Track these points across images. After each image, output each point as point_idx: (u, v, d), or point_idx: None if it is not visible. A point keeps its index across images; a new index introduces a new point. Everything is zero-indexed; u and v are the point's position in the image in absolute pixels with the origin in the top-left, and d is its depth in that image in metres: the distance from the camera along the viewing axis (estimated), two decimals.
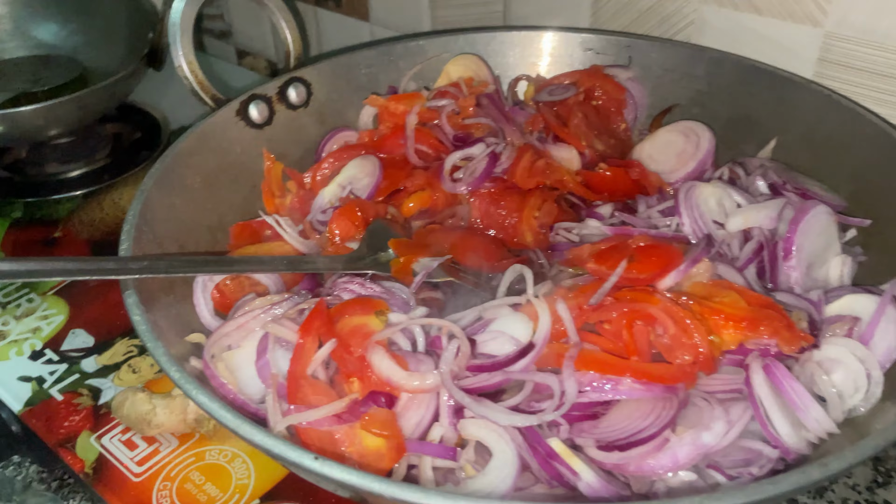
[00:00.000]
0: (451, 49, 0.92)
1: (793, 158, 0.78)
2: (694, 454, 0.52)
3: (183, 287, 0.68)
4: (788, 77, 0.78)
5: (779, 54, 0.80)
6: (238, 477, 0.68)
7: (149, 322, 0.56)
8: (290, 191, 0.85)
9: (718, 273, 0.63)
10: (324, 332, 0.58)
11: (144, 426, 0.71)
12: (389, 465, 0.54)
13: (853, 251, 0.70)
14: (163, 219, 0.70)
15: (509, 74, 0.95)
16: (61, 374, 0.80)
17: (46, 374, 0.80)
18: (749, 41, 0.82)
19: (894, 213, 0.68)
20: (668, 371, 0.56)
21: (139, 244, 0.65)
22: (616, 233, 0.70)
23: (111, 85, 1.02)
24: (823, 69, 0.78)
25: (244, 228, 0.79)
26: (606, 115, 0.89)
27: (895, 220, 0.68)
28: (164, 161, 0.73)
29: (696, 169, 0.80)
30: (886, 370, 0.57)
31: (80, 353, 0.83)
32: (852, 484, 0.66)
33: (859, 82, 0.76)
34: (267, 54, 1.36)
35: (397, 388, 0.56)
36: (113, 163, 1.13)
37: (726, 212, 0.71)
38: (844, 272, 0.67)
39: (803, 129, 0.77)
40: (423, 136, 0.84)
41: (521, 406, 0.56)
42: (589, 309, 0.59)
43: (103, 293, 0.90)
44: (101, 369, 0.81)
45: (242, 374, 0.60)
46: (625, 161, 0.83)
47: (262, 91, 0.84)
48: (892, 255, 0.67)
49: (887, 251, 0.67)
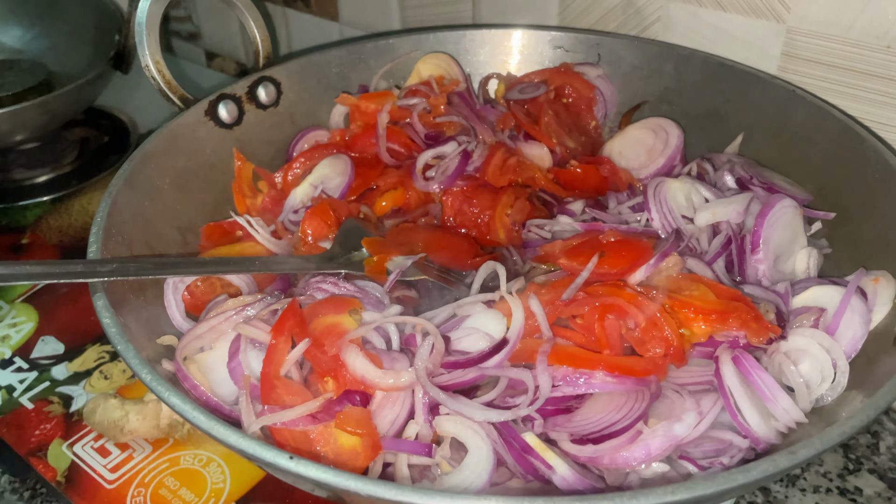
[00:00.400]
0: (421, 47, 0.93)
1: (759, 153, 0.80)
2: (666, 445, 0.53)
3: (153, 289, 0.67)
4: (753, 73, 0.79)
5: (744, 50, 0.81)
6: (213, 481, 0.68)
7: (119, 325, 0.56)
8: (262, 191, 0.84)
9: (688, 267, 0.64)
10: (297, 332, 0.58)
11: (117, 432, 0.71)
12: (365, 464, 0.54)
13: (819, 244, 0.71)
14: (132, 221, 0.70)
15: (480, 73, 0.96)
16: (31, 381, 0.79)
17: (16, 383, 0.79)
18: (714, 37, 0.83)
19: (858, 206, 0.69)
20: (639, 364, 0.56)
21: (108, 247, 0.64)
22: (587, 229, 0.71)
23: (77, 89, 1.01)
24: (788, 64, 0.79)
25: (215, 229, 0.78)
26: (577, 112, 0.90)
27: (859, 212, 0.69)
28: (132, 162, 0.72)
29: (665, 165, 0.81)
30: (852, 359, 0.58)
31: (50, 361, 0.82)
32: (824, 471, 0.67)
33: (823, 76, 0.77)
34: (236, 56, 1.35)
35: (372, 386, 0.56)
36: (80, 167, 1.11)
37: (695, 207, 0.72)
38: (810, 264, 0.68)
39: (769, 125, 0.78)
40: (395, 135, 0.84)
41: (496, 402, 0.56)
42: (561, 304, 0.60)
43: (73, 299, 0.89)
44: (72, 376, 0.80)
45: (215, 375, 0.60)
46: (595, 158, 0.84)
47: (232, 91, 0.84)
48: (856, 247, 0.68)
49: (851, 243, 0.69)
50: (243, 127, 0.85)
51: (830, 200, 0.72)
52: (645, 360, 0.57)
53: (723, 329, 0.58)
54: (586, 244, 0.65)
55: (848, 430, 0.46)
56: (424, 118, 0.85)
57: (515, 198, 0.76)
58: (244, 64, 1.35)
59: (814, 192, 0.74)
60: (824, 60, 0.76)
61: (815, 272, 0.68)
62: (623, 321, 0.58)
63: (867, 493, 0.65)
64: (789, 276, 0.68)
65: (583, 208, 0.77)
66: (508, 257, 0.73)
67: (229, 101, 0.83)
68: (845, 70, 0.76)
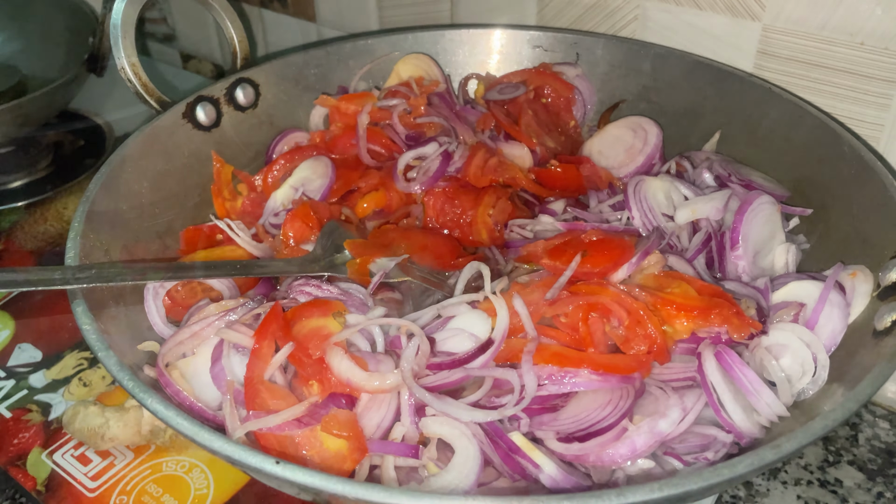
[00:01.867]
0: (400, 48, 0.93)
1: (737, 151, 0.81)
2: (651, 442, 0.53)
3: (133, 295, 0.67)
4: (729, 71, 0.80)
5: (720, 48, 0.83)
6: (197, 487, 0.68)
7: (99, 331, 0.55)
8: (241, 193, 0.84)
9: (669, 264, 0.65)
10: (280, 336, 0.58)
11: (98, 440, 0.70)
12: (352, 467, 0.54)
13: (797, 239, 0.72)
14: (110, 225, 0.69)
15: (459, 73, 0.96)
16: (9, 390, 0.78)
17: None
18: (691, 36, 0.84)
19: (835, 201, 0.70)
20: (623, 361, 0.57)
21: (86, 252, 0.64)
22: (569, 228, 0.71)
23: (51, 92, 1.00)
24: (763, 62, 0.80)
25: (195, 233, 0.78)
26: (556, 112, 0.91)
27: (836, 207, 0.70)
28: (109, 165, 0.72)
29: (644, 163, 0.82)
30: (832, 353, 0.59)
31: (27, 369, 0.81)
32: (804, 464, 0.68)
33: (798, 74, 0.79)
34: (213, 58, 1.34)
35: (358, 388, 0.55)
36: (55, 172, 1.10)
37: (674, 204, 0.73)
38: (789, 260, 0.69)
39: (746, 122, 0.79)
40: (376, 136, 0.84)
41: (482, 402, 0.56)
42: (545, 303, 0.60)
43: (49, 306, 0.88)
44: (51, 384, 0.79)
45: (198, 381, 0.59)
46: (575, 157, 0.85)
47: (209, 92, 0.83)
48: (833, 242, 0.69)
49: (829, 238, 0.70)
50: (221, 129, 0.85)
51: (808, 196, 0.73)
52: (629, 358, 0.57)
53: (705, 325, 0.58)
54: (569, 243, 0.66)
55: (830, 423, 0.46)
56: (405, 119, 0.85)
57: (497, 198, 0.77)
58: (221, 66, 1.34)
59: (791, 188, 0.75)
60: (799, 58, 0.78)
61: (794, 267, 0.69)
62: (607, 320, 0.58)
63: (847, 484, 0.66)
64: (768, 272, 0.68)
65: (564, 208, 0.77)
66: (491, 257, 0.73)
67: (207, 103, 0.83)
68: (820, 67, 0.77)
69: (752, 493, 0.66)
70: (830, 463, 0.68)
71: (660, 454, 0.55)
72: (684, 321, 0.59)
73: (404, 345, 0.58)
